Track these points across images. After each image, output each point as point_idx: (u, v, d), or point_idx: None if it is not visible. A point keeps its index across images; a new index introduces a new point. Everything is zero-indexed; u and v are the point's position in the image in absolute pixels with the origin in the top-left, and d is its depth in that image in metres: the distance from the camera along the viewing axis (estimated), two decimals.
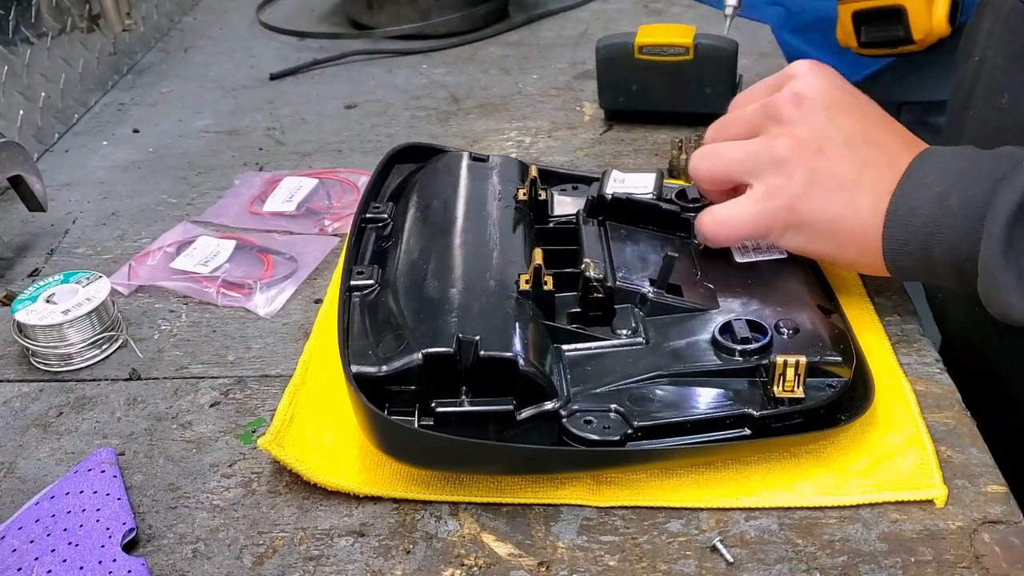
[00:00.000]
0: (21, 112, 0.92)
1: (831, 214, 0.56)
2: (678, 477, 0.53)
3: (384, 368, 0.50)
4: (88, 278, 0.67)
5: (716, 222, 0.59)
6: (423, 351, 0.50)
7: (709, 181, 0.61)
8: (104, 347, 0.66)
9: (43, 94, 0.96)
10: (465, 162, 0.70)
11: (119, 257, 0.77)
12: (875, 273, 0.59)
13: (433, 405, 0.50)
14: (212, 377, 0.64)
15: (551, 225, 0.66)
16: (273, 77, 1.10)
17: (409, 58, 1.13)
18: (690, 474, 0.53)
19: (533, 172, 0.67)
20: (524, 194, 0.66)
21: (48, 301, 0.65)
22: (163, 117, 1.02)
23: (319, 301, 0.70)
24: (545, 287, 0.56)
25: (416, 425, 0.50)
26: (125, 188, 0.88)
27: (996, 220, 0.50)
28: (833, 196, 0.56)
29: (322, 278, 0.73)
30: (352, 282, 0.58)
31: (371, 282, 0.58)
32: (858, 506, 0.51)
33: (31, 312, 0.64)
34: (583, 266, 0.58)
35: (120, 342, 0.67)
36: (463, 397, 0.51)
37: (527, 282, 0.56)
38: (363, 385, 0.50)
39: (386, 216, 0.66)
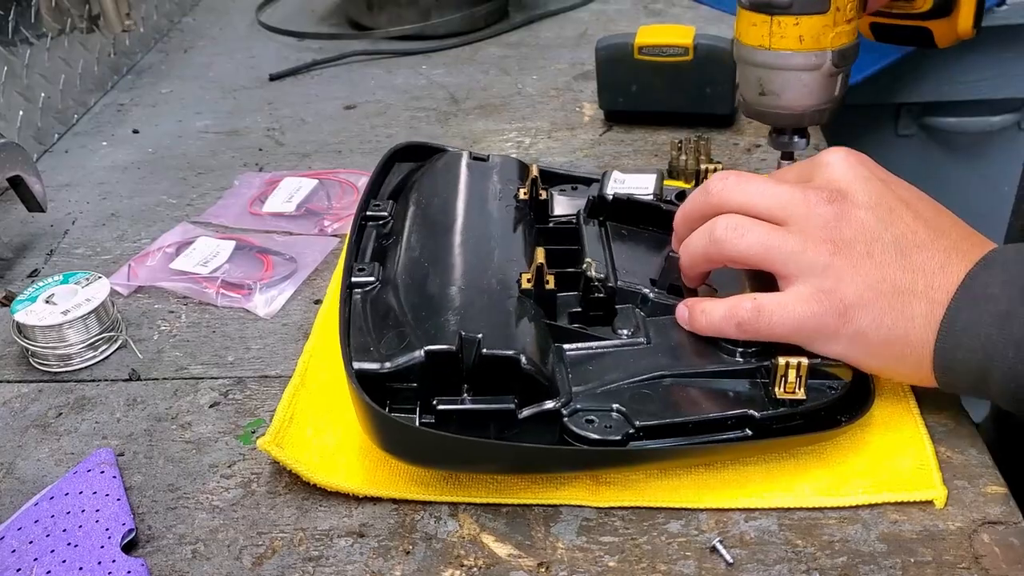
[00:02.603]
0: (21, 112, 0.92)
1: (886, 324, 0.50)
2: (678, 478, 0.53)
3: (386, 365, 0.50)
4: (87, 279, 0.67)
5: (760, 310, 0.52)
6: (425, 348, 0.50)
7: (734, 253, 0.53)
8: (103, 348, 0.66)
9: (43, 95, 0.96)
10: (465, 161, 0.70)
11: (118, 258, 0.77)
12: (922, 384, 0.53)
13: (434, 403, 0.50)
14: (212, 378, 0.64)
15: (551, 225, 0.66)
16: (273, 78, 1.10)
17: (409, 59, 1.13)
18: (690, 474, 0.53)
19: (534, 172, 0.67)
20: (525, 194, 0.66)
21: (47, 302, 0.65)
22: (163, 118, 1.02)
23: (319, 302, 0.70)
24: (547, 286, 0.56)
25: (417, 423, 0.50)
26: (125, 189, 0.88)
27: None
28: (887, 304, 0.50)
29: (321, 279, 0.73)
30: (353, 279, 0.58)
31: (372, 279, 0.58)
32: (858, 507, 0.51)
33: (30, 313, 0.64)
34: (584, 266, 0.58)
35: (119, 343, 0.67)
36: (464, 395, 0.51)
37: (529, 281, 0.56)
38: (364, 382, 0.50)
39: (386, 214, 0.66)
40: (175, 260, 0.75)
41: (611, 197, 0.65)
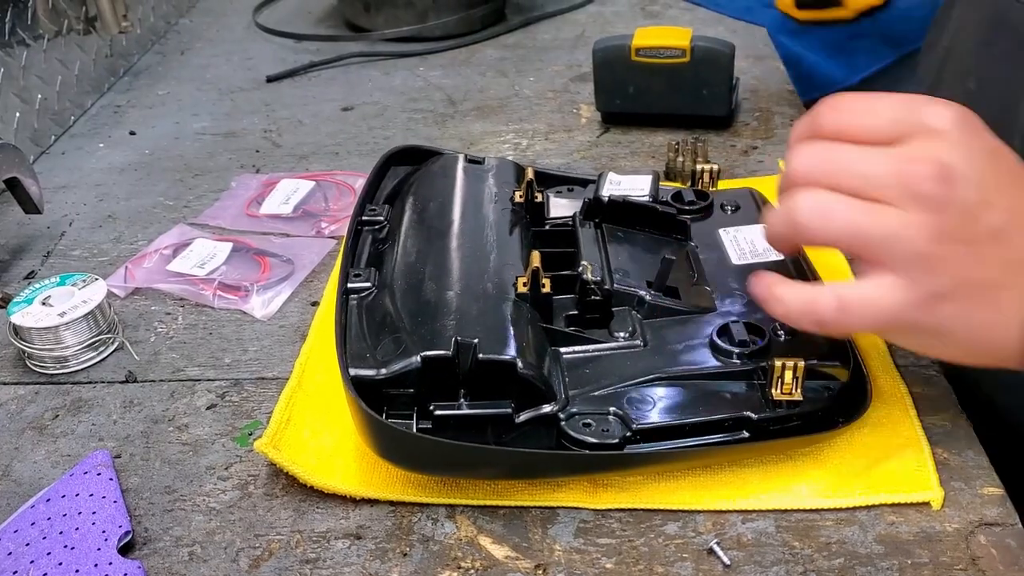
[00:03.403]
0: (17, 114, 0.92)
1: (975, 320, 0.46)
2: (675, 479, 0.53)
3: (382, 371, 0.50)
4: (84, 280, 0.67)
5: (844, 309, 0.47)
6: (421, 354, 0.50)
7: (819, 239, 0.47)
8: (100, 349, 0.66)
9: (39, 96, 0.95)
10: (461, 164, 0.70)
11: (115, 259, 0.77)
12: (1002, 366, 0.49)
13: (431, 408, 0.50)
14: (208, 379, 0.63)
15: (547, 227, 0.66)
16: (270, 79, 1.10)
17: (406, 60, 1.13)
18: (687, 476, 0.53)
19: (530, 174, 0.67)
20: (520, 196, 0.66)
21: (44, 304, 0.65)
22: (160, 119, 1.02)
23: (316, 303, 0.70)
24: (543, 290, 0.56)
25: (415, 428, 0.50)
26: (121, 190, 0.88)
27: None
28: (978, 298, 0.46)
29: (319, 280, 0.73)
30: (349, 284, 0.58)
31: (368, 285, 0.58)
32: (855, 508, 0.51)
33: (27, 314, 0.64)
34: (580, 269, 0.58)
35: (116, 344, 0.67)
36: (461, 400, 0.51)
37: (525, 285, 0.56)
38: (361, 388, 0.50)
39: (382, 218, 0.66)
40: (172, 262, 0.74)
41: (607, 199, 0.65)
